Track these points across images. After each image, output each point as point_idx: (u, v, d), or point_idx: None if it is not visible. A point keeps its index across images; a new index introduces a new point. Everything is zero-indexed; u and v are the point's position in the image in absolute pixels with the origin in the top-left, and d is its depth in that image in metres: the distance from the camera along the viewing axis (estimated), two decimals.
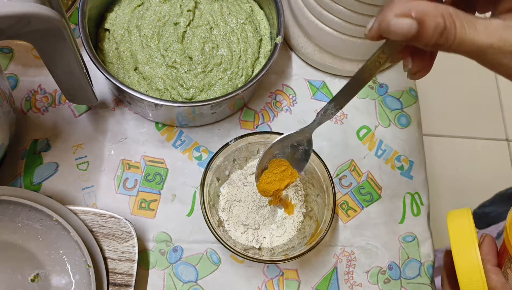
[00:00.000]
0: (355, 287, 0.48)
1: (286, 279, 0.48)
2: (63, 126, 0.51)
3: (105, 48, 0.50)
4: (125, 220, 0.45)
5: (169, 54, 0.49)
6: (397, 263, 0.50)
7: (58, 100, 0.52)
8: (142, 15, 0.51)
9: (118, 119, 0.52)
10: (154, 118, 0.52)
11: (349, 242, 0.50)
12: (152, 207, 0.49)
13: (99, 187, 0.49)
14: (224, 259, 0.48)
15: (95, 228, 0.44)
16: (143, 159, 0.51)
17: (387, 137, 0.55)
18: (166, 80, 0.49)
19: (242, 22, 0.52)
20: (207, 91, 0.49)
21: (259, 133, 0.46)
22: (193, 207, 0.49)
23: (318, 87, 0.56)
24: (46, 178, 0.49)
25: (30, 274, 0.43)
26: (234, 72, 0.50)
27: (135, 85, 0.49)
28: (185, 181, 0.50)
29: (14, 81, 0.52)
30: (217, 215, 0.47)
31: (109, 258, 0.44)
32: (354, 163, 0.53)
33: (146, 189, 0.50)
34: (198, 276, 0.47)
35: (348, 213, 0.51)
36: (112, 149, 0.51)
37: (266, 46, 0.52)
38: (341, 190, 0.52)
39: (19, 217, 0.42)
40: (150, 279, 0.46)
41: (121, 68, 0.50)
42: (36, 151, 0.50)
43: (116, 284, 0.43)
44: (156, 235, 0.48)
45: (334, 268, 0.49)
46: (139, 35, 0.50)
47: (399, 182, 0.53)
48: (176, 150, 0.52)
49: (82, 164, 0.50)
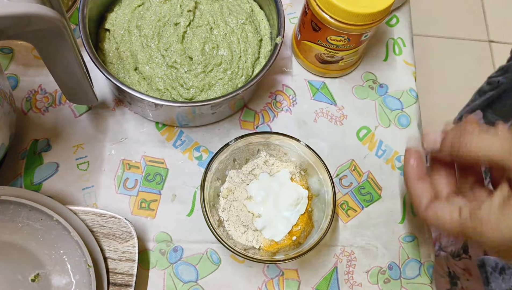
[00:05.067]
0: (355, 287, 0.48)
1: (286, 279, 0.48)
2: (63, 126, 0.51)
3: (105, 48, 0.50)
4: (125, 220, 0.45)
5: (169, 54, 0.49)
6: (397, 263, 0.50)
7: (58, 100, 0.52)
8: (142, 15, 0.51)
9: (118, 119, 0.52)
10: (154, 118, 0.52)
11: (349, 242, 0.50)
12: (152, 207, 0.49)
13: (100, 187, 0.49)
14: (224, 259, 0.48)
15: (96, 228, 0.44)
16: (143, 159, 0.51)
17: (387, 137, 0.55)
18: (166, 80, 0.49)
19: (242, 22, 0.52)
20: (207, 91, 0.49)
21: (259, 133, 0.46)
22: (193, 207, 0.49)
23: (318, 88, 0.56)
24: (47, 178, 0.49)
25: (30, 274, 0.43)
26: (234, 72, 0.50)
27: (135, 85, 0.49)
28: (185, 181, 0.50)
29: (14, 81, 0.53)
30: (217, 215, 0.47)
31: (110, 258, 0.44)
32: (355, 163, 0.53)
33: (146, 189, 0.50)
34: (198, 276, 0.47)
35: (348, 213, 0.51)
36: (112, 149, 0.51)
37: (266, 46, 0.52)
38: (341, 190, 0.52)
39: (19, 217, 0.42)
40: (150, 279, 0.46)
41: (122, 68, 0.50)
42: (36, 151, 0.50)
43: (116, 284, 0.43)
44: (156, 235, 0.48)
45: (334, 268, 0.49)
46: (140, 35, 0.50)
47: (399, 182, 0.53)
48: (176, 150, 0.52)
49: (83, 164, 0.50)
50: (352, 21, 0.46)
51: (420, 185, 0.40)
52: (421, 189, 0.39)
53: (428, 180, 0.40)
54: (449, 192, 0.40)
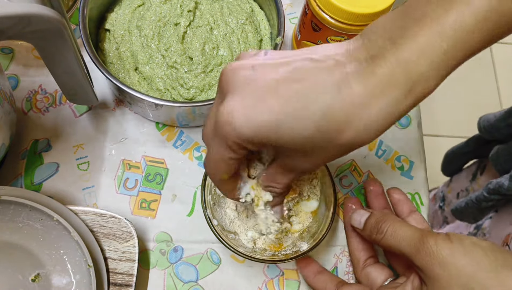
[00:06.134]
0: None
1: (286, 279, 0.48)
2: (63, 126, 0.51)
3: (105, 48, 0.50)
4: (125, 220, 0.45)
5: (169, 55, 0.49)
6: None
7: (58, 100, 0.52)
8: (142, 16, 0.51)
9: (118, 119, 0.52)
10: (154, 118, 0.52)
11: None
12: (153, 207, 0.49)
13: (100, 187, 0.49)
14: (225, 259, 0.48)
15: (96, 228, 0.45)
16: (143, 159, 0.51)
17: (387, 137, 0.55)
18: (167, 80, 0.49)
19: (243, 23, 0.52)
20: (208, 91, 0.49)
21: None
22: (194, 207, 0.49)
23: None
24: (47, 178, 0.49)
25: (30, 274, 0.43)
26: None
27: (135, 85, 0.49)
28: (186, 181, 0.50)
29: (14, 81, 0.53)
30: (218, 215, 0.47)
31: (110, 258, 0.44)
32: (355, 163, 0.53)
33: (147, 189, 0.50)
34: (198, 276, 0.47)
35: None
36: (112, 149, 0.51)
37: (267, 47, 0.53)
38: (342, 190, 0.52)
39: (19, 217, 0.42)
40: (150, 279, 0.47)
41: (122, 68, 0.50)
42: (36, 151, 0.50)
43: (116, 284, 0.43)
44: (156, 235, 0.48)
45: (334, 268, 0.49)
46: (140, 35, 0.50)
47: (399, 182, 0.53)
48: (177, 150, 0.52)
49: (83, 164, 0.50)
50: (352, 21, 0.46)
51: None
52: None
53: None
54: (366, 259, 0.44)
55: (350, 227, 0.45)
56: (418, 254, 0.34)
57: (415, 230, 0.36)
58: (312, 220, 0.47)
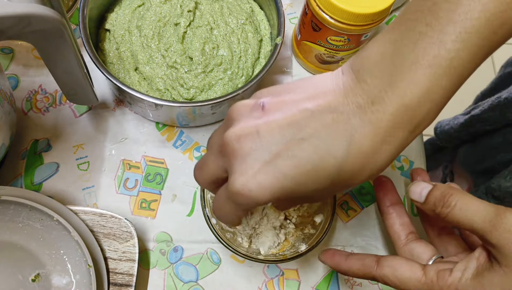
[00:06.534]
0: (355, 287, 0.48)
1: (286, 279, 0.48)
2: (63, 126, 0.51)
3: (105, 48, 0.50)
4: (125, 220, 0.45)
5: (169, 55, 0.49)
6: None
7: (58, 100, 0.52)
8: (142, 16, 0.51)
9: (118, 119, 0.52)
10: (154, 118, 0.52)
11: (349, 242, 0.50)
12: (153, 207, 0.49)
13: (100, 187, 0.49)
14: (225, 259, 0.48)
15: (96, 228, 0.45)
16: (143, 159, 0.51)
17: None
18: (167, 80, 0.49)
19: (243, 23, 0.52)
20: (208, 91, 0.49)
21: None
22: (194, 207, 0.49)
23: None
24: (47, 178, 0.49)
25: (31, 274, 0.43)
26: (234, 72, 0.50)
27: (135, 85, 0.49)
28: (186, 181, 0.50)
29: (15, 81, 0.53)
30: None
31: (110, 258, 0.44)
32: None
33: (147, 189, 0.50)
34: (198, 276, 0.47)
35: (348, 213, 0.51)
36: (112, 149, 0.51)
37: (266, 47, 0.53)
38: None
39: (19, 217, 0.42)
40: (150, 279, 0.47)
41: (122, 68, 0.50)
42: (36, 151, 0.50)
43: (116, 284, 0.43)
44: (156, 235, 0.48)
45: None
46: (140, 35, 0.50)
47: (399, 182, 0.53)
48: (177, 150, 0.52)
49: (83, 164, 0.50)
50: (352, 21, 0.46)
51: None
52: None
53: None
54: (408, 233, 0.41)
55: (386, 203, 0.43)
56: (495, 231, 0.32)
57: (489, 205, 0.34)
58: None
